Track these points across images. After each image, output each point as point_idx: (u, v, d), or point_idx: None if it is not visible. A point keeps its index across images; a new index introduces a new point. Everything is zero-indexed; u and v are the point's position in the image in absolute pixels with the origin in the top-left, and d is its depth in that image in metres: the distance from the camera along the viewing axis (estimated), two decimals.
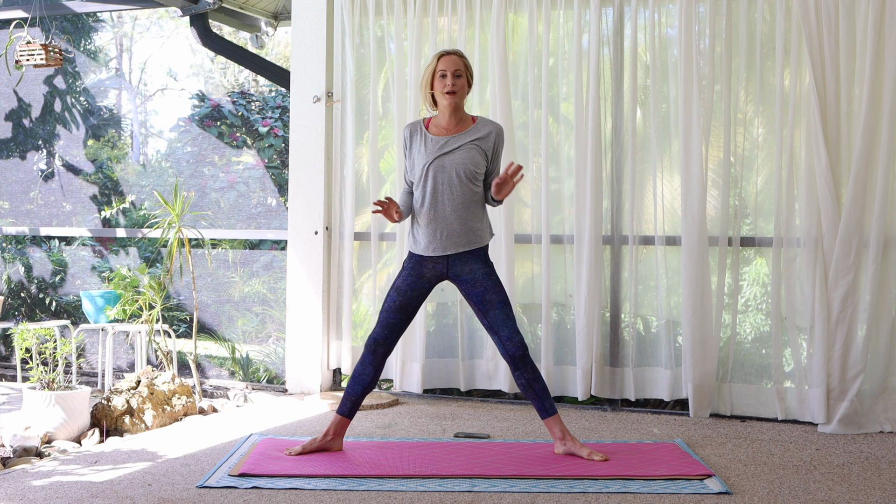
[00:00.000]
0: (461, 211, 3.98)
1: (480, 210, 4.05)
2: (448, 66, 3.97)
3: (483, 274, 4.03)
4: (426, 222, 4.01)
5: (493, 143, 4.02)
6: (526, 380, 3.98)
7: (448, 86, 3.95)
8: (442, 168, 3.97)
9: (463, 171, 3.96)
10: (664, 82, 5.06)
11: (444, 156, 3.98)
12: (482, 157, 3.99)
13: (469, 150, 3.97)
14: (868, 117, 4.63)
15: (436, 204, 3.98)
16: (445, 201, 3.97)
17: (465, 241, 4.00)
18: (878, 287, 4.67)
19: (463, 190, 3.97)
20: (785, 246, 4.85)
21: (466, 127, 4.03)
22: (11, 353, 6.97)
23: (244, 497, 3.43)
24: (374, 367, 4.05)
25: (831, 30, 4.70)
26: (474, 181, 3.99)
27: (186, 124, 9.35)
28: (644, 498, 3.46)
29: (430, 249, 4.02)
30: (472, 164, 3.96)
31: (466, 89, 4.03)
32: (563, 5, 5.20)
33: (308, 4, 5.65)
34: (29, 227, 7.64)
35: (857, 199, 4.65)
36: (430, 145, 4.01)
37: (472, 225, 4.01)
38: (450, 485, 3.58)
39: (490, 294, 4.02)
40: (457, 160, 3.96)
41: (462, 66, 3.99)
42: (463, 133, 4.01)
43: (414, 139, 4.07)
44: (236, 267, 7.85)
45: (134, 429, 4.85)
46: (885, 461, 4.09)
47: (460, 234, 3.99)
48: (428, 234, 4.01)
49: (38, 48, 5.91)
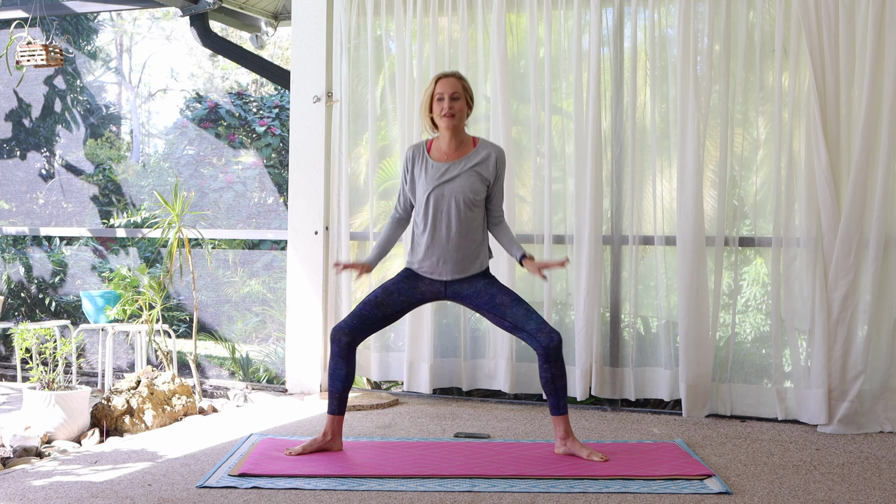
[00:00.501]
0: (461, 239, 3.97)
1: (480, 235, 4.03)
2: (445, 89, 3.92)
3: (485, 284, 4.03)
4: (425, 248, 4.01)
5: (493, 168, 3.98)
6: (552, 374, 3.92)
7: (445, 109, 3.92)
8: (442, 196, 3.95)
9: (463, 200, 3.94)
10: (664, 82, 5.06)
11: (445, 184, 3.96)
12: (482, 183, 3.97)
13: (469, 178, 3.95)
14: (868, 117, 4.63)
15: (435, 232, 3.97)
16: (445, 229, 3.96)
17: (464, 267, 4.01)
18: (879, 287, 4.67)
19: (463, 218, 3.95)
20: (784, 246, 4.85)
21: (467, 150, 4.00)
22: (11, 353, 6.97)
23: (244, 497, 3.43)
24: (343, 358, 4.00)
25: (831, 30, 4.70)
26: (474, 208, 3.97)
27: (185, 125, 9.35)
28: (644, 498, 3.46)
29: (428, 274, 4.04)
30: (471, 191, 3.95)
31: (466, 111, 3.98)
32: (564, 5, 5.20)
33: (308, 4, 5.65)
34: (29, 227, 7.63)
35: (857, 199, 4.65)
36: (430, 172, 3.99)
37: (472, 252, 4.00)
38: (450, 485, 3.58)
39: (500, 297, 4.01)
40: (457, 188, 3.94)
41: (460, 89, 3.94)
42: (463, 158, 3.98)
43: (416, 163, 4.04)
44: (236, 267, 7.84)
45: (134, 429, 4.85)
46: (885, 461, 4.09)
47: (459, 262, 3.99)
48: (427, 259, 4.01)
49: (38, 48, 5.91)
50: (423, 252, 4.02)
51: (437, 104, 3.94)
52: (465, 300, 4.06)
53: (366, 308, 4.03)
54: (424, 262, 4.02)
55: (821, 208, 4.72)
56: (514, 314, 3.96)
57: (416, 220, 4.05)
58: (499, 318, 4.00)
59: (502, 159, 4.01)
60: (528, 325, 3.93)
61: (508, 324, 3.98)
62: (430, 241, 3.98)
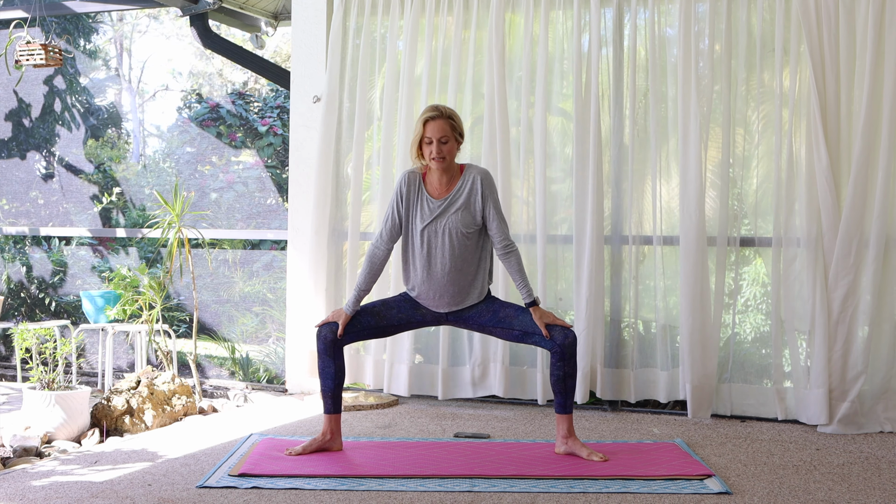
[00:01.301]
0: (456, 273, 3.96)
1: (476, 266, 4.00)
2: (434, 133, 3.88)
3: (485, 303, 4.04)
4: (420, 282, 4.00)
5: (481, 195, 3.95)
6: (564, 372, 3.91)
7: (434, 153, 3.89)
8: (436, 233, 3.95)
9: (456, 234, 3.94)
10: (663, 82, 5.06)
11: (438, 220, 3.95)
12: (474, 216, 3.95)
13: (461, 214, 3.93)
14: (868, 117, 4.63)
15: (430, 268, 3.96)
16: (440, 266, 3.95)
17: (461, 299, 4.01)
18: (879, 287, 4.67)
19: (458, 252, 3.95)
20: (784, 246, 4.85)
21: (456, 181, 3.98)
22: (11, 353, 6.97)
23: (244, 497, 3.43)
24: (330, 355, 3.99)
25: (831, 30, 4.70)
26: (469, 238, 3.96)
27: (185, 124, 9.35)
28: (644, 498, 3.46)
29: (425, 304, 4.04)
30: (464, 226, 3.94)
31: (456, 149, 3.95)
32: (563, 5, 5.20)
33: (308, 4, 5.65)
34: (29, 227, 7.64)
35: (858, 199, 4.65)
36: (426, 208, 3.97)
37: (469, 284, 4.00)
38: (450, 485, 3.58)
39: (503, 311, 4.02)
40: (451, 224, 3.93)
41: (448, 130, 3.89)
42: (454, 191, 3.96)
43: (410, 193, 4.00)
44: (236, 267, 7.84)
45: (134, 429, 4.85)
46: (885, 461, 4.09)
47: (455, 295, 3.99)
48: (423, 293, 4.01)
49: (37, 48, 5.91)
50: (418, 285, 4.01)
51: (427, 147, 3.91)
52: (467, 322, 4.06)
53: (359, 312, 4.04)
54: (421, 295, 4.02)
55: (821, 208, 4.72)
56: (522, 322, 3.97)
57: (410, 252, 4.02)
58: (506, 329, 3.99)
59: (486, 180, 3.97)
60: (538, 327, 3.93)
61: (518, 332, 3.98)
62: (426, 277, 3.98)
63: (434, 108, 3.92)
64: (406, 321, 4.08)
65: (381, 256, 4.07)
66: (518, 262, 4.00)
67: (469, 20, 5.34)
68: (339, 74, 5.54)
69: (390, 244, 4.07)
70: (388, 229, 4.05)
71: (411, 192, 4.00)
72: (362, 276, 4.05)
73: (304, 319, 5.60)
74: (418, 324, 4.11)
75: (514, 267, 3.99)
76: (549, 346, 3.91)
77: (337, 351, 4.01)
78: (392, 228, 4.04)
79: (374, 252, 4.06)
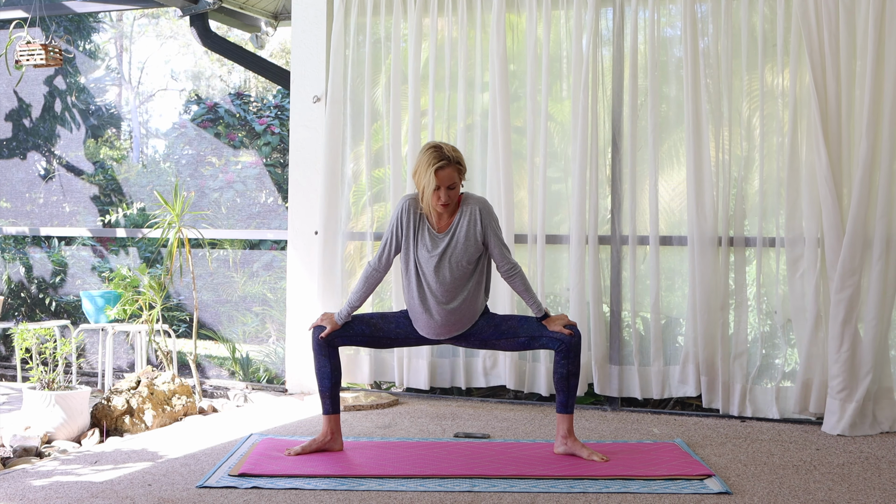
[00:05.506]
0: (455, 303, 3.94)
1: (474, 292, 3.98)
2: (443, 181, 3.82)
3: (485, 318, 4.04)
4: (419, 312, 3.98)
5: (481, 225, 3.92)
6: (567, 371, 3.91)
7: (443, 199, 3.85)
8: (437, 267, 3.92)
9: (457, 266, 3.92)
10: (664, 82, 5.06)
11: (441, 254, 3.92)
12: (477, 247, 3.93)
13: (463, 247, 3.91)
14: (870, 117, 4.62)
15: (425, 299, 3.95)
16: (440, 297, 3.93)
17: (460, 326, 4.00)
18: (883, 288, 4.66)
19: (458, 283, 3.93)
20: (785, 246, 4.85)
21: (455, 213, 3.94)
22: (11, 353, 6.97)
23: (244, 497, 3.43)
24: (325, 355, 4.00)
25: (831, 30, 4.69)
26: (470, 263, 3.94)
27: (185, 125, 9.35)
28: (644, 498, 3.46)
29: (425, 334, 4.04)
30: (466, 261, 3.93)
31: (460, 187, 3.91)
32: (564, 5, 5.20)
33: (308, 4, 5.65)
34: (29, 227, 7.64)
35: (862, 200, 4.64)
36: (428, 241, 3.94)
37: (468, 310, 3.98)
38: (450, 485, 3.58)
39: (505, 323, 4.02)
40: (452, 258, 3.92)
41: (456, 175, 3.84)
42: (454, 224, 3.93)
43: (411, 221, 3.95)
44: (236, 267, 7.84)
45: (134, 429, 4.85)
46: (885, 461, 4.09)
47: (455, 323, 3.98)
48: (420, 320, 4.00)
49: (38, 48, 5.91)
50: (417, 314, 4.00)
51: (434, 193, 3.85)
52: (468, 340, 4.06)
53: (354, 319, 4.04)
54: (419, 322, 4.02)
55: (822, 208, 4.71)
56: (526, 328, 3.98)
57: (408, 281, 3.99)
58: (511, 339, 4.00)
59: (485, 210, 3.95)
60: (545, 330, 3.94)
61: (523, 339, 3.99)
62: (423, 308, 3.96)
63: (440, 155, 3.83)
64: (404, 337, 4.08)
65: (376, 278, 4.06)
66: (523, 280, 4.00)
67: (469, 20, 5.33)
68: (342, 73, 5.53)
69: (388, 268, 4.06)
70: (387, 255, 4.02)
71: (411, 220, 3.96)
72: (355, 294, 4.04)
73: (304, 319, 5.60)
74: (416, 342, 4.11)
75: (520, 287, 4.00)
76: (554, 346, 3.92)
77: (332, 350, 4.01)
78: (390, 255, 4.02)
79: (371, 273, 4.05)
